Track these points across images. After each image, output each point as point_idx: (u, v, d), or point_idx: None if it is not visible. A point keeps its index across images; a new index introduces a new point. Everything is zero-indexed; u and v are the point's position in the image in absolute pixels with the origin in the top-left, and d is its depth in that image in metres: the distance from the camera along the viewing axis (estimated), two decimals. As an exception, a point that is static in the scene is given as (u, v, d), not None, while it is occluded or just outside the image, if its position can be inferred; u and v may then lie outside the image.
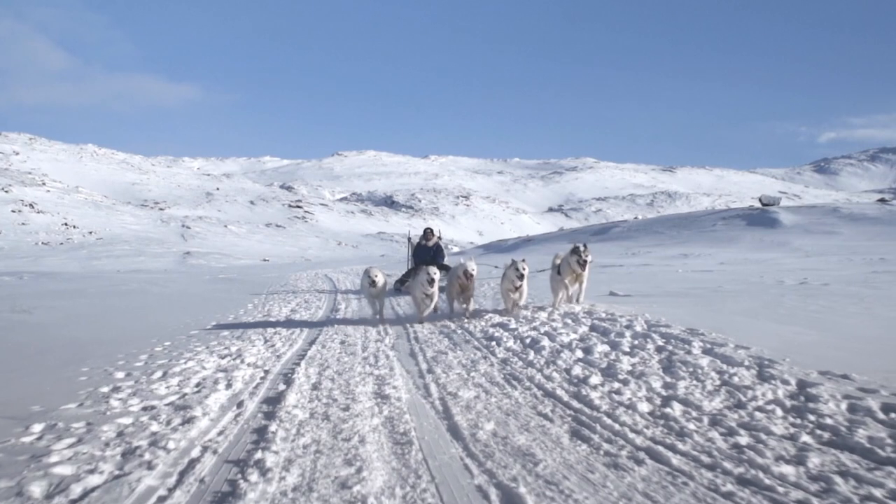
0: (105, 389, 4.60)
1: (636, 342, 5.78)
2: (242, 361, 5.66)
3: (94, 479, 2.85)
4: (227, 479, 2.89)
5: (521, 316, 7.68)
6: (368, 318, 8.85)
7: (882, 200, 41.46)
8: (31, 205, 77.66)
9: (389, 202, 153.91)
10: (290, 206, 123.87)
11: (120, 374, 5.11)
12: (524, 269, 7.92)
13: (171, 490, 2.77)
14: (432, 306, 8.13)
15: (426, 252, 12.85)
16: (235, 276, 21.88)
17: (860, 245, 20.72)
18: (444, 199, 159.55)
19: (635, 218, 52.41)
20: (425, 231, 13.33)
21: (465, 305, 8.30)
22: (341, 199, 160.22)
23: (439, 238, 13.49)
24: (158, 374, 5.11)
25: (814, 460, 3.02)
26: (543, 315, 7.57)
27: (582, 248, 8.13)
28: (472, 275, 8.10)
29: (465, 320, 7.87)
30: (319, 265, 31.78)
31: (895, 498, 2.62)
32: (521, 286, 7.93)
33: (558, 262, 8.59)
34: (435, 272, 7.97)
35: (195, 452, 3.27)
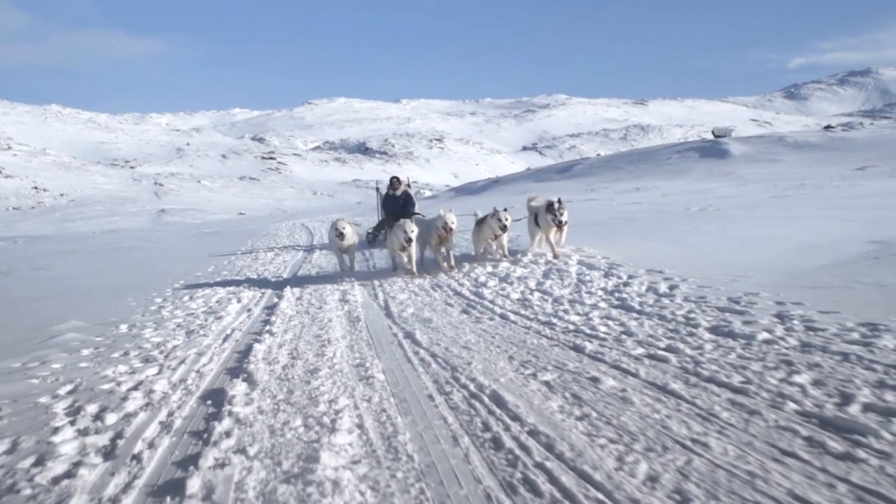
0: (153, 307, 6.67)
1: (532, 259, 7.92)
2: (244, 287, 7.73)
3: (176, 341, 4.99)
4: (252, 339, 5.03)
5: (505, 263, 7.89)
6: (339, 268, 8.88)
7: (828, 127, 43.50)
8: (-3, 169, 77.05)
9: (363, 149, 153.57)
10: (262, 157, 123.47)
11: (158, 300, 7.17)
12: (507, 219, 7.80)
13: (221, 344, 4.91)
14: (413, 263, 7.96)
15: (395, 202, 12.23)
16: (220, 230, 23.74)
17: (798, 171, 21.85)
18: (418, 143, 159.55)
19: (597, 155, 54.46)
20: (391, 180, 12.69)
21: (445, 262, 8.04)
22: (314, 149, 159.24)
23: (408, 186, 12.89)
24: (186, 297, 7.18)
25: (594, 314, 5.17)
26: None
27: (557, 205, 7.65)
28: (451, 228, 7.90)
29: (447, 272, 7.86)
30: (296, 216, 33.55)
31: (622, 327, 4.77)
32: (500, 235, 7.93)
33: (533, 204, 8.46)
34: (412, 229, 7.76)
35: (228, 331, 5.40)
